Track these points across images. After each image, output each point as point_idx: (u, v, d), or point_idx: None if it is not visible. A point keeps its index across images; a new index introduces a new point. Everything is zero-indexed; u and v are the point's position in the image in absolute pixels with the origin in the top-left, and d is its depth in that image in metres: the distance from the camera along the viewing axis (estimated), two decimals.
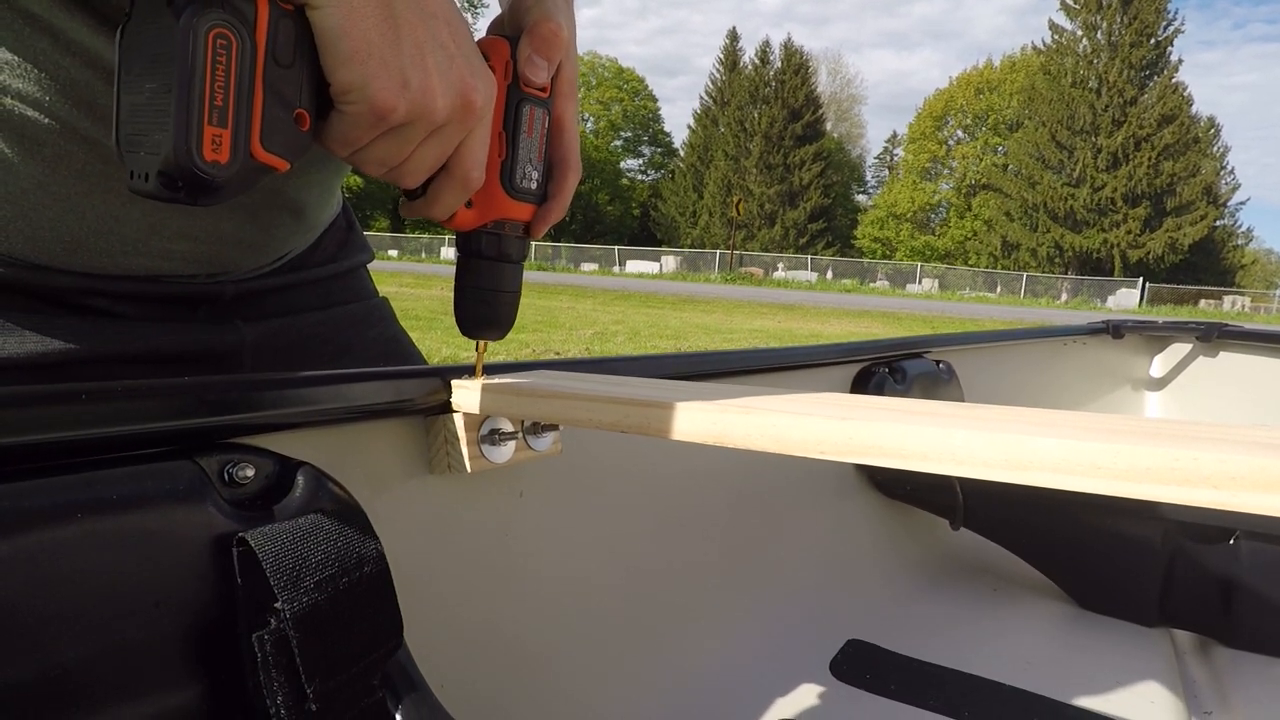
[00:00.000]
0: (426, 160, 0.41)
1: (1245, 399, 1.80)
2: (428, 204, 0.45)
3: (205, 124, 0.32)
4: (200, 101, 0.32)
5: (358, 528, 0.42)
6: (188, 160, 0.32)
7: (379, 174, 0.41)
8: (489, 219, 0.47)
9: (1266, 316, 22.85)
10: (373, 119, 0.37)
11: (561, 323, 7.44)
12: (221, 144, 0.33)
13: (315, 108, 0.37)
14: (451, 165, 0.43)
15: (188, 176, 0.32)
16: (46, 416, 0.34)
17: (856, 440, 0.39)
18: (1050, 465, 0.34)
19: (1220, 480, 0.30)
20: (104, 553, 0.33)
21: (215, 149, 0.33)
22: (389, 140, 0.39)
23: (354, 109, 0.37)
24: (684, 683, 0.75)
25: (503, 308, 0.50)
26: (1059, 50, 30.24)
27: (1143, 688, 0.84)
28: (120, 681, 0.33)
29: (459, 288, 0.49)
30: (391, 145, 0.39)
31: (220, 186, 0.33)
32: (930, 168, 37.73)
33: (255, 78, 0.34)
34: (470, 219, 0.47)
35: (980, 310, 16.38)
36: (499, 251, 0.48)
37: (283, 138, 0.35)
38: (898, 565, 1.12)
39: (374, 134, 0.38)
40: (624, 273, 27.33)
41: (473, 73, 0.40)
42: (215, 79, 0.32)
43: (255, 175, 0.35)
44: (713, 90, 37.08)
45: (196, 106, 0.32)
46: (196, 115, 0.32)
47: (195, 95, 0.32)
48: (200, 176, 0.33)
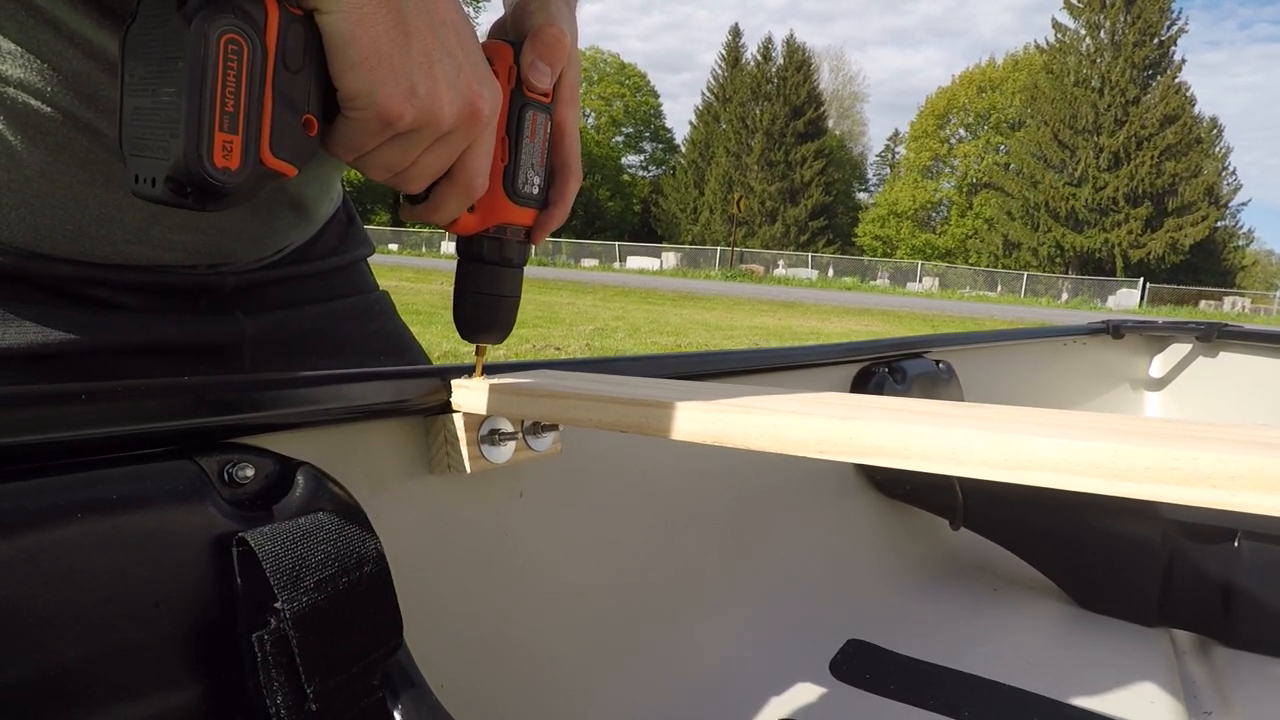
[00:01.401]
0: (431, 167, 0.41)
1: (1245, 399, 1.80)
2: (430, 209, 0.45)
3: (216, 130, 0.32)
4: (212, 107, 0.32)
5: (357, 527, 0.42)
6: (198, 166, 0.32)
7: (383, 179, 0.41)
8: (490, 224, 0.47)
9: (1267, 318, 22.84)
10: (379, 125, 0.37)
11: (562, 318, 7.44)
12: (232, 150, 0.33)
13: (323, 112, 0.37)
14: (455, 172, 0.43)
15: (197, 182, 0.32)
16: (46, 416, 0.34)
17: (856, 440, 0.39)
18: (1050, 465, 0.34)
19: (1219, 480, 0.30)
20: (104, 553, 0.33)
21: (226, 155, 0.32)
22: (394, 146, 0.39)
23: (361, 115, 0.37)
24: (684, 682, 0.75)
25: (503, 312, 0.50)
26: (1062, 49, 30.18)
27: (1142, 688, 0.84)
28: (120, 681, 0.33)
29: (459, 291, 0.49)
30: (397, 151, 0.39)
31: (229, 193, 0.33)
32: (932, 166, 37.70)
33: (266, 83, 0.33)
34: (472, 223, 0.47)
35: (981, 309, 16.38)
36: (500, 256, 0.48)
37: (291, 143, 0.35)
38: (897, 565, 1.12)
39: (380, 140, 0.38)
40: (625, 269, 27.31)
41: (480, 81, 0.40)
42: (226, 85, 0.32)
43: (263, 181, 0.35)
44: (715, 87, 37.03)
45: (208, 112, 0.32)
46: (208, 121, 0.32)
47: (207, 101, 0.31)
48: (210, 183, 0.32)
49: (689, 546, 0.83)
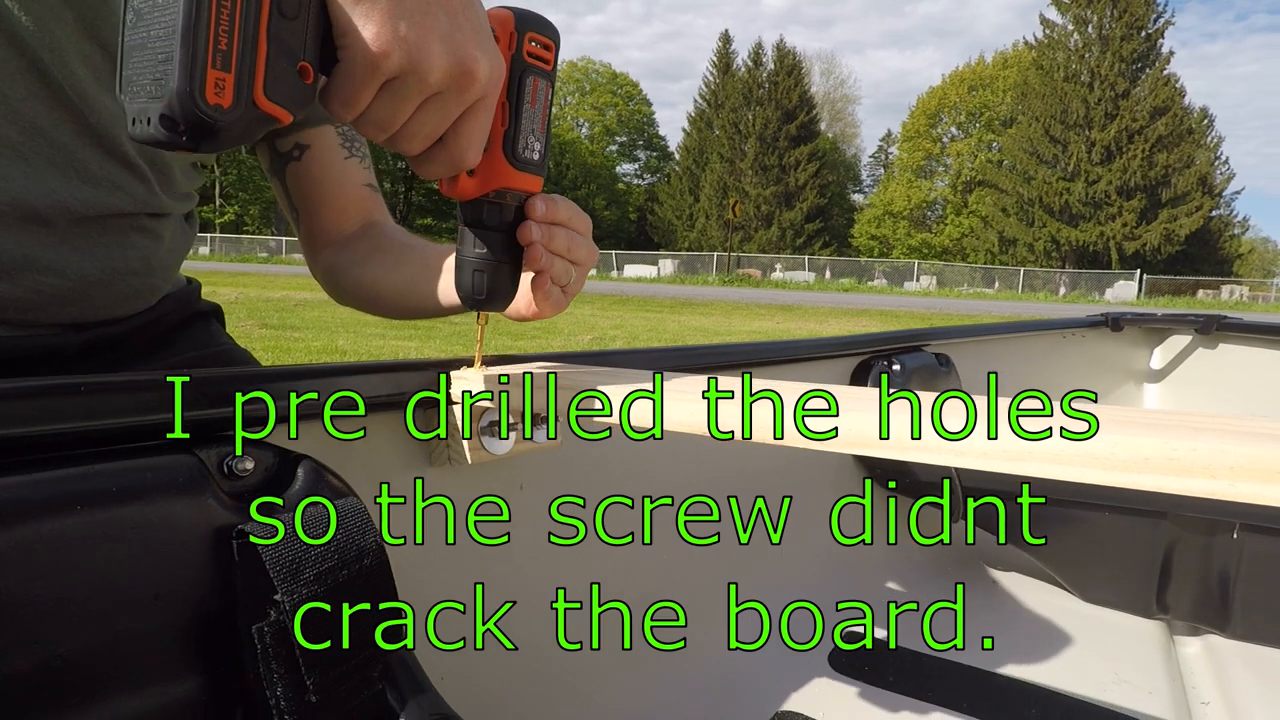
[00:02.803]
0: (425, 128, 0.42)
1: (1245, 391, 1.80)
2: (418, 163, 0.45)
3: (209, 66, 0.32)
4: (205, 43, 0.32)
5: (357, 520, 0.42)
6: (189, 102, 0.32)
7: (380, 139, 0.42)
8: (490, 188, 0.47)
9: (1265, 305, 22.85)
10: (366, 67, 0.38)
11: (559, 328, 7.44)
12: (225, 88, 0.33)
13: (319, 62, 0.37)
14: (448, 138, 0.43)
15: (190, 118, 0.33)
16: (46, 409, 0.34)
17: (854, 431, 0.39)
18: (1049, 456, 0.34)
19: (1218, 470, 0.30)
20: (104, 545, 0.33)
21: (219, 92, 0.33)
22: (385, 100, 0.40)
23: (349, 54, 0.37)
24: (683, 676, 0.75)
25: (503, 279, 0.50)
26: (1050, 45, 30.30)
27: (1142, 678, 0.84)
28: (120, 673, 0.33)
29: (460, 261, 0.49)
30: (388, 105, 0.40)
31: (222, 129, 0.34)
32: (925, 165, 37.78)
33: (260, 25, 0.34)
34: (472, 187, 0.47)
35: (979, 306, 16.38)
36: (499, 220, 0.48)
37: (286, 89, 0.36)
38: (897, 558, 1.12)
39: (371, 90, 0.39)
40: (622, 277, 27.33)
41: (479, 46, 0.41)
42: (220, 23, 0.32)
43: (258, 125, 0.35)
44: (706, 93, 37.14)
45: (201, 48, 0.32)
46: (201, 57, 0.32)
47: (201, 36, 0.32)
48: (202, 119, 0.33)
49: (688, 541, 0.83)
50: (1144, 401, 1.96)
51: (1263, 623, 0.91)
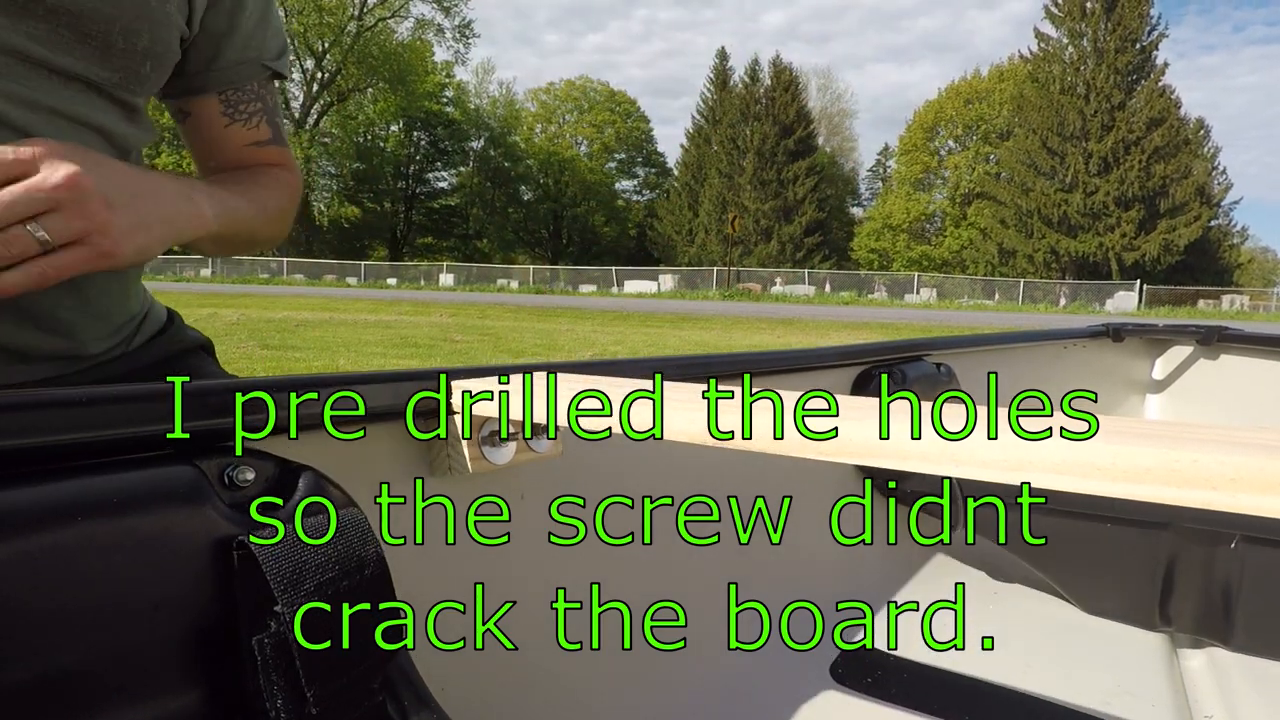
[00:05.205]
0: None
1: (1246, 402, 1.79)
2: None
3: None
4: None
5: (358, 530, 0.42)
6: None
7: None
8: None
9: (1266, 315, 22.84)
10: None
11: (561, 345, 7.45)
12: None
13: None
14: None
15: None
16: (48, 420, 0.34)
17: (855, 441, 0.39)
18: (1050, 466, 0.34)
19: (1220, 482, 0.30)
20: (104, 556, 0.33)
21: None
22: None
23: None
24: (683, 686, 0.74)
25: None
26: (1046, 58, 30.51)
27: (1144, 691, 0.83)
28: (120, 684, 0.33)
29: None
30: None
31: None
32: (924, 178, 37.93)
33: None
34: None
35: (979, 318, 16.39)
36: None
37: None
38: (897, 559, 1.11)
39: None
40: (622, 293, 27.38)
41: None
42: None
43: None
44: (704, 110, 37.40)
45: None
46: None
47: None
48: None
49: (689, 547, 0.83)
50: (1145, 412, 1.95)
51: (1266, 635, 0.90)
